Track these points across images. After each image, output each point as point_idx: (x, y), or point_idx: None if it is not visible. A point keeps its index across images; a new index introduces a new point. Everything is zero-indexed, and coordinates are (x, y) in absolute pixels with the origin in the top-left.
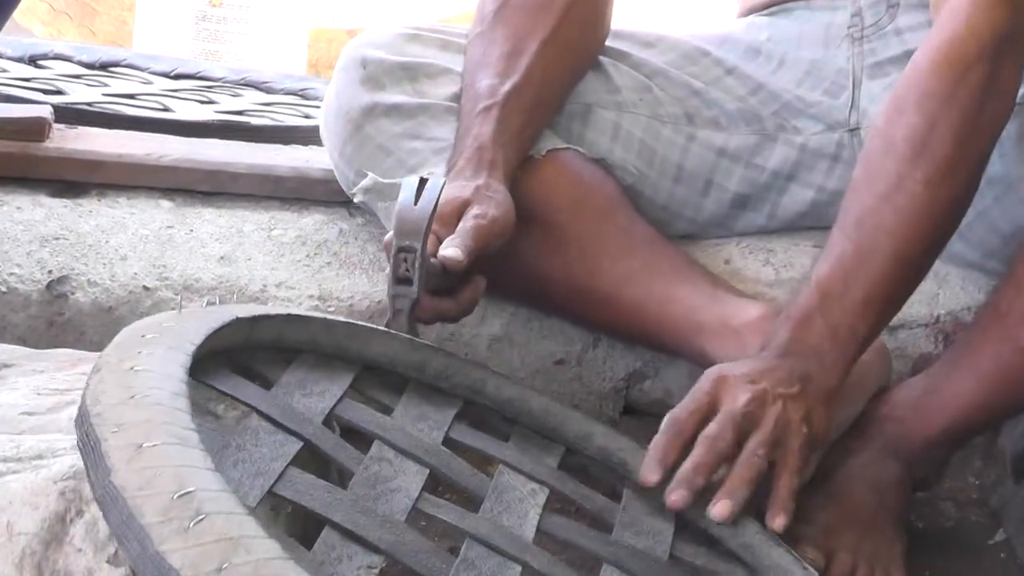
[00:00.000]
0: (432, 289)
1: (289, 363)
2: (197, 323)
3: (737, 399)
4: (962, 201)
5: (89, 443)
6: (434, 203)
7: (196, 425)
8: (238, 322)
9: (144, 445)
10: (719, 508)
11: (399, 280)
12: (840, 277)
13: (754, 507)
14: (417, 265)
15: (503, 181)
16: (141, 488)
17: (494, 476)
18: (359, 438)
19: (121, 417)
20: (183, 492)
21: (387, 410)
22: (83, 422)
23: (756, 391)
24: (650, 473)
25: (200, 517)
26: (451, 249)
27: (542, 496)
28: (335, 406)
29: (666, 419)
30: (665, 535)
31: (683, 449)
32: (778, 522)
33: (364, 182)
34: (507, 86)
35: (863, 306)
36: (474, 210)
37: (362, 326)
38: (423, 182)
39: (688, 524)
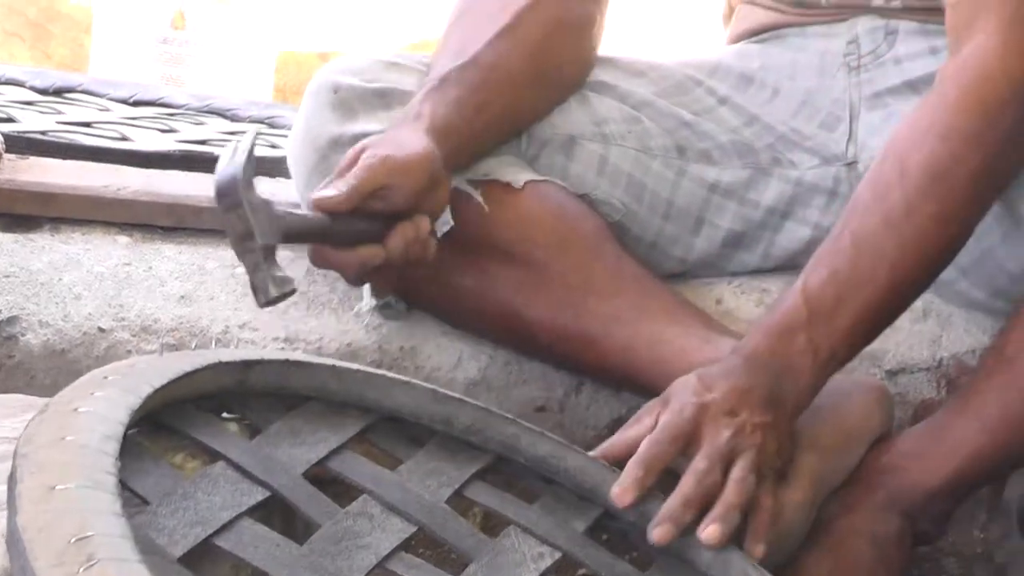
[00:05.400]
0: (336, 237)
1: (293, 411)
2: (166, 366)
3: (720, 433)
4: (965, 240)
5: (11, 484)
6: (246, 153)
7: (130, 469)
8: (224, 367)
9: (56, 487)
10: (710, 532)
11: (242, 239)
12: (832, 296)
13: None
14: (249, 214)
15: (424, 130)
16: (41, 530)
17: (498, 537)
18: (354, 492)
19: (45, 458)
20: (80, 536)
21: (397, 463)
22: (13, 462)
23: (737, 424)
24: (627, 494)
25: (92, 562)
26: (326, 190)
27: (548, 560)
28: (326, 457)
29: (646, 442)
30: None
31: (661, 474)
32: (758, 550)
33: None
34: (449, 67)
35: (848, 331)
36: (366, 152)
37: (380, 374)
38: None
39: None
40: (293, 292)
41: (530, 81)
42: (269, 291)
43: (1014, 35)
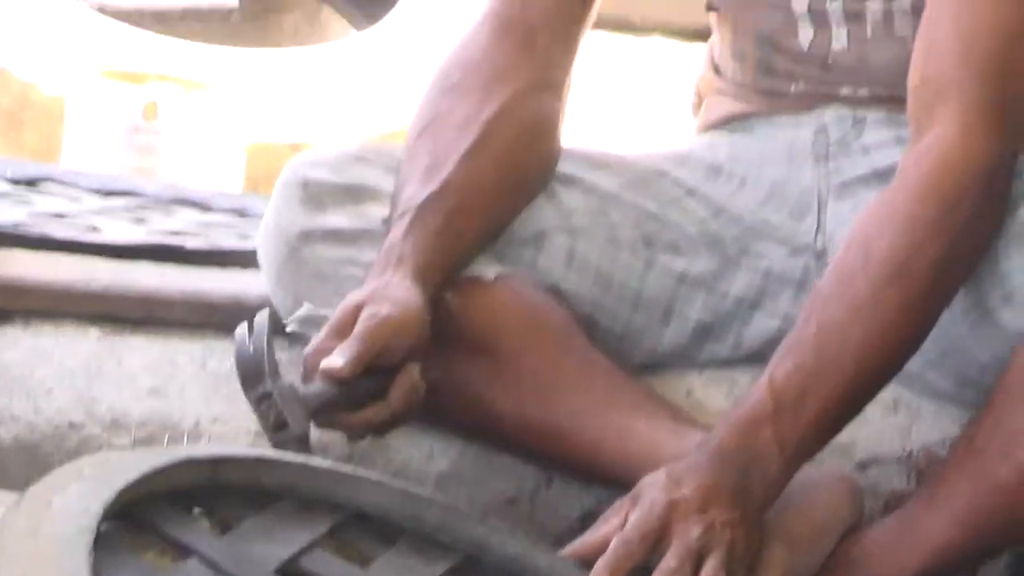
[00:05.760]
0: (346, 403)
1: (264, 507)
2: (138, 461)
3: (690, 531)
4: (930, 328)
5: None
6: (264, 337)
7: (104, 564)
8: (195, 463)
9: None
10: None
11: (276, 429)
12: (797, 387)
13: None
14: (281, 404)
15: (411, 277)
16: None
17: None
18: None
19: (19, 551)
20: None
21: (367, 561)
22: None
23: (707, 522)
24: None
25: None
26: (333, 358)
27: None
28: (298, 554)
29: (615, 541)
30: None
31: (631, 574)
32: None
33: (299, 312)
34: (424, 193)
35: (815, 422)
36: (365, 312)
37: (350, 472)
38: (251, 324)
39: None
40: None
41: (504, 192)
42: None
43: (973, 123)
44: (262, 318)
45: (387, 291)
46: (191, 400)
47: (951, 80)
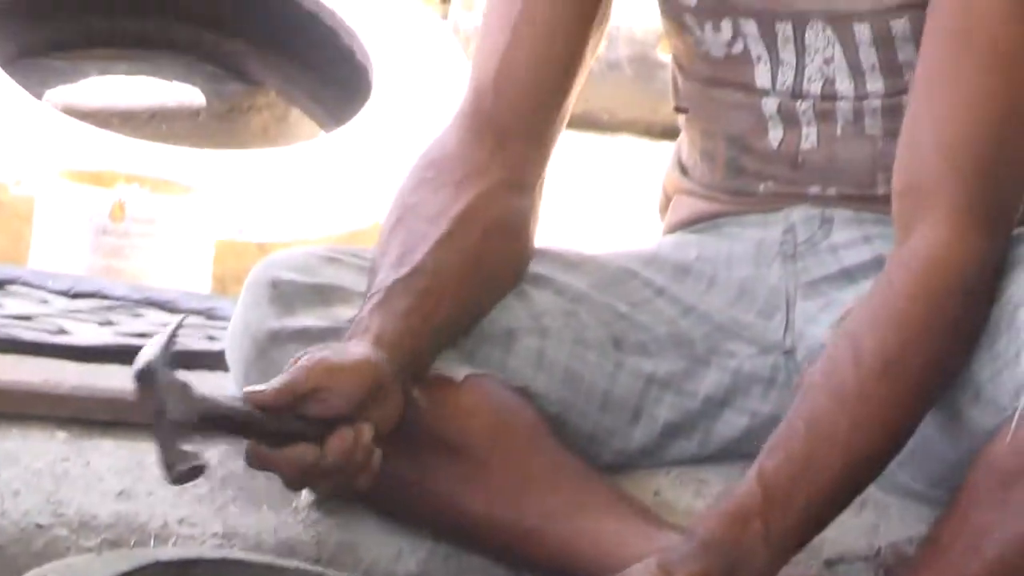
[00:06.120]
0: (250, 428)
1: None
2: (105, 566)
3: None
4: (917, 425)
5: None
6: (166, 336)
7: None
8: (162, 566)
9: None
10: None
11: (155, 416)
12: (786, 478)
13: None
14: (162, 391)
15: (370, 343)
16: None
17: None
18: None
19: None
20: None
21: None
22: None
23: None
24: None
25: None
26: (258, 385)
27: None
28: None
29: None
30: None
31: None
32: None
33: None
34: (393, 276)
35: (803, 515)
36: (305, 355)
37: (317, 572)
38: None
39: None
40: (202, 470)
41: (473, 284)
42: (175, 466)
43: (962, 225)
44: (172, 323)
45: (337, 344)
46: (159, 502)
47: (936, 184)
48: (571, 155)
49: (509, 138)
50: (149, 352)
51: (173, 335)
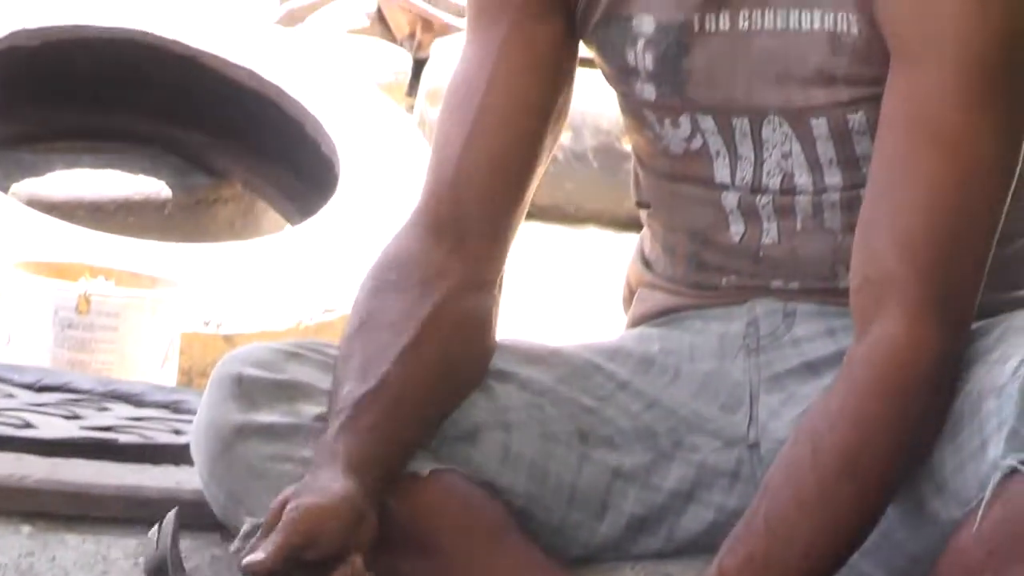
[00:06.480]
0: None
1: None
2: None
3: None
4: (878, 521)
5: None
6: (170, 535)
7: None
8: None
9: None
10: None
11: None
12: None
13: None
14: None
15: (344, 471)
16: None
17: None
18: None
19: None
20: None
21: None
22: None
23: None
24: None
25: None
26: (256, 553)
27: None
28: None
29: None
30: None
31: None
32: None
33: (244, 527)
34: (360, 391)
35: None
36: (289, 505)
37: None
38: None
39: None
40: None
41: (439, 390)
42: None
43: (921, 320)
44: (171, 516)
45: (315, 483)
46: None
47: (893, 280)
48: (537, 247)
49: (468, 238)
50: (159, 554)
51: (176, 532)
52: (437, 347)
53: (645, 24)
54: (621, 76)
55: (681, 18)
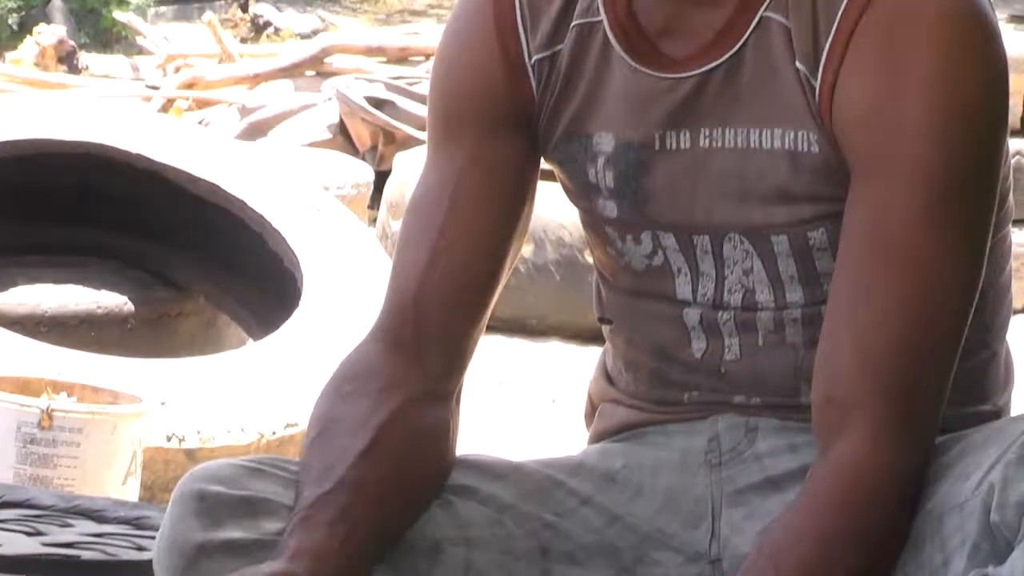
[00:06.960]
0: None
1: None
2: None
3: None
4: None
5: None
6: None
7: None
8: None
9: None
10: None
11: None
12: None
13: None
14: None
15: (287, 559)
16: None
17: None
18: None
19: None
20: None
21: None
22: None
23: None
24: None
25: None
26: None
27: None
28: None
29: None
30: None
31: None
32: None
33: None
34: (316, 493)
35: None
36: None
37: None
38: None
39: None
40: None
41: (394, 496)
42: None
43: (883, 439)
44: None
45: (256, 568)
46: None
47: (856, 399)
48: (499, 360)
49: (427, 352)
50: None
51: None
52: (392, 454)
53: (605, 142)
54: (583, 193)
55: (641, 136)
